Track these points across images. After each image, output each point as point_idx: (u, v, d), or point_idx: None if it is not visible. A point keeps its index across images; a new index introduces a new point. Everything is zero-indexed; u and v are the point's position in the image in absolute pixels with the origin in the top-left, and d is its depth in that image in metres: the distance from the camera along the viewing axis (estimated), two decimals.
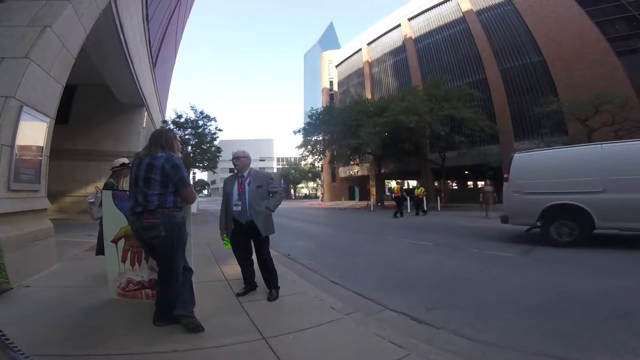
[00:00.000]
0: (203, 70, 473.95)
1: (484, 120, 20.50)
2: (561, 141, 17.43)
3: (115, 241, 3.12)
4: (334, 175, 40.11)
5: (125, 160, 4.07)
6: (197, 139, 22.14)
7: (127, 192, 2.68)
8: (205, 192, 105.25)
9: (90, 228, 5.91)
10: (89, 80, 11.74)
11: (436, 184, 27.11)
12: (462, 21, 26.64)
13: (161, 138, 2.59)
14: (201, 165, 23.39)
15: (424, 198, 17.43)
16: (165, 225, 2.40)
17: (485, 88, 23.79)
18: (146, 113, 16.02)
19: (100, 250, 3.58)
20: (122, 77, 11.17)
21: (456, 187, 31.59)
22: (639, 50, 19.18)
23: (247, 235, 3.37)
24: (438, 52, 28.37)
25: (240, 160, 3.47)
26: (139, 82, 12.07)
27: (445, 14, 28.25)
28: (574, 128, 17.51)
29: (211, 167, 24.08)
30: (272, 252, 3.66)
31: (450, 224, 11.59)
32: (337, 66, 41.82)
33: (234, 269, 3.75)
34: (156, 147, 2.52)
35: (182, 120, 21.97)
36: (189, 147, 22.21)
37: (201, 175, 79.09)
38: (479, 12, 25.64)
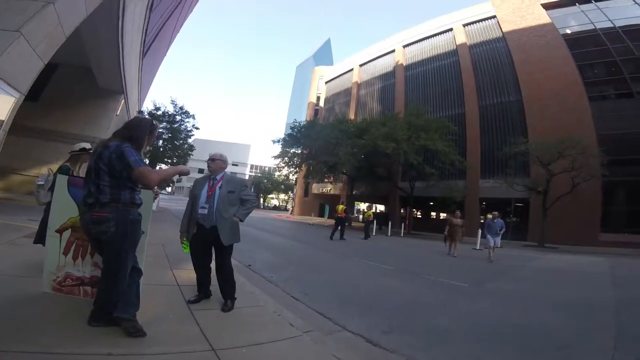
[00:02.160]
0: (191, 65, 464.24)
1: (456, 155, 21.37)
2: (522, 183, 18.60)
3: (60, 231, 2.84)
4: (307, 190, 40.07)
5: (87, 146, 3.79)
6: (170, 134, 21.37)
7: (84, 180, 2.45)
8: (168, 189, 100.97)
9: (34, 212, 5.39)
10: (71, 61, 11.14)
11: (402, 211, 27.80)
12: (454, 54, 27.79)
13: (135, 129, 2.40)
14: (170, 161, 22.51)
15: (374, 222, 17.48)
16: (116, 220, 2.21)
17: (462, 122, 24.80)
18: (123, 101, 15.36)
19: (39, 239, 3.24)
20: (108, 62, 10.72)
21: (420, 216, 32.63)
22: (609, 97, 20.35)
23: (209, 241, 3.19)
24: (425, 82, 29.42)
25: (216, 162, 3.34)
26: (123, 70, 11.62)
27: (439, 45, 29.44)
28: (536, 171, 18.48)
29: (180, 164, 23.17)
30: (233, 262, 3.50)
31: (413, 251, 11.93)
32: (327, 82, 42.45)
33: (187, 274, 3.54)
34: (119, 137, 2.33)
35: (160, 113, 21.21)
36: (160, 141, 21.47)
37: None
38: (472, 47, 26.75)
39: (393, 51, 33.10)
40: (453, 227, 10.53)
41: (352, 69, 37.88)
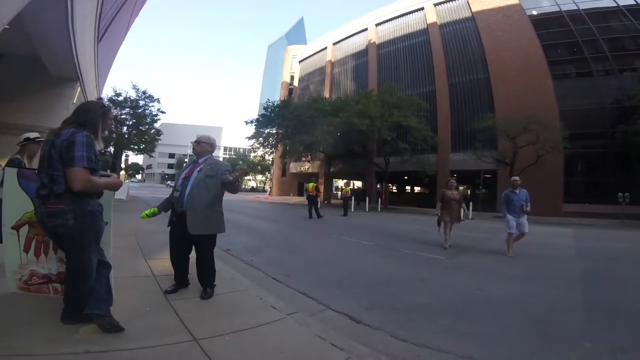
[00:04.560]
0: (157, 47, 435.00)
1: (428, 131, 22.05)
2: (491, 155, 19.47)
3: (17, 228, 2.61)
4: (284, 170, 39.76)
5: (31, 135, 3.51)
6: (135, 120, 20.30)
7: (37, 172, 2.25)
8: (138, 176, 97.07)
9: None
10: (18, 50, 9.99)
11: (378, 186, 28.43)
12: (425, 33, 27.99)
13: (86, 114, 2.21)
14: (136, 147, 21.50)
15: (352, 198, 17.69)
16: (74, 212, 2.04)
17: (433, 99, 25.40)
18: (79, 88, 14.23)
19: None
20: (59, 50, 9.74)
21: (395, 191, 33.56)
22: (571, 76, 21.71)
23: (184, 229, 2.98)
24: (397, 60, 29.60)
25: (201, 145, 3.18)
26: (77, 57, 10.69)
27: (411, 24, 29.48)
28: (503, 144, 19.46)
29: (148, 150, 22.30)
30: None
31: (390, 225, 12.22)
32: (300, 62, 41.52)
33: (163, 264, 3.42)
34: (72, 124, 2.14)
35: (121, 99, 20.01)
36: (125, 128, 20.50)
37: (136, 158, 72.91)
38: (442, 26, 27.09)
39: (366, 29, 32.76)
40: (447, 202, 7.01)
41: (325, 48, 37.13)
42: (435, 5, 27.70)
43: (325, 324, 2.79)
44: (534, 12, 23.03)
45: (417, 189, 35.61)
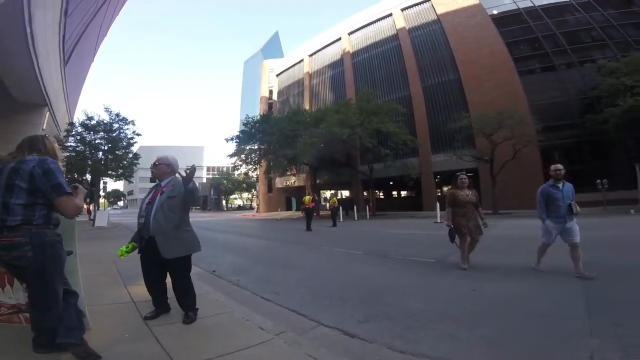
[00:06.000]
0: (128, 68, 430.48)
1: (407, 135, 22.39)
2: (470, 154, 19.88)
3: None
4: (270, 186, 39.39)
5: None
6: (110, 144, 19.68)
7: None
8: (120, 203, 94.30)
9: None
10: None
11: (365, 193, 28.52)
12: (395, 38, 28.77)
13: (36, 142, 2.15)
14: (114, 173, 20.80)
15: (339, 208, 17.56)
16: (32, 244, 1.92)
17: (409, 103, 25.93)
18: (48, 113, 13.72)
19: None
20: (22, 73, 9.47)
21: (382, 197, 33.75)
22: (535, 71, 22.62)
23: (154, 254, 2.85)
24: (371, 67, 30.21)
25: (159, 167, 3.05)
26: (42, 80, 10.39)
27: (382, 30, 30.26)
28: (481, 142, 19.91)
29: (126, 175, 21.56)
30: (195, 270, 3.23)
31: (380, 232, 12.19)
32: (277, 75, 41.78)
33: (143, 289, 3.26)
34: (29, 150, 2.08)
35: (94, 122, 19.36)
36: (100, 153, 19.82)
37: (116, 185, 70.99)
38: (411, 30, 27.92)
39: (339, 39, 33.42)
40: (461, 206, 5.16)
41: (302, 60, 37.60)
42: (402, 10, 28.62)
43: (317, 342, 2.64)
44: (495, 12, 24.09)
45: (403, 193, 35.90)
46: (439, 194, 25.80)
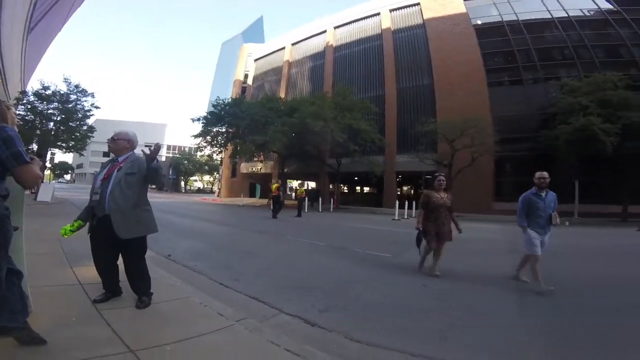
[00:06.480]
0: (98, 41, 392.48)
1: (376, 134, 22.94)
2: (431, 157, 20.86)
3: None
4: (234, 170, 38.39)
5: None
6: (64, 115, 18.32)
7: None
8: (67, 177, 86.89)
9: None
10: None
11: (331, 186, 28.89)
12: (378, 38, 28.97)
13: None
14: (65, 145, 19.36)
15: (305, 199, 17.63)
16: None
17: (382, 103, 26.43)
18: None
19: None
20: None
21: (347, 191, 34.44)
22: (504, 83, 23.68)
23: (107, 234, 2.67)
24: (351, 64, 30.33)
25: (118, 142, 2.85)
26: (1, 51, 9.25)
27: (367, 28, 30.34)
28: (443, 147, 20.84)
29: (78, 148, 20.17)
30: (149, 253, 3.06)
31: (343, 225, 12.44)
32: (256, 60, 40.65)
33: (91, 271, 3.06)
34: None
35: (49, 92, 17.94)
36: (51, 124, 18.55)
37: (64, 157, 65.31)
38: (395, 32, 28.20)
39: (325, 32, 33.13)
40: (434, 211, 4.84)
41: (284, 48, 36.76)
42: (391, 11, 28.90)
43: (279, 329, 2.66)
44: (479, 22, 24.88)
45: (366, 189, 36.93)
46: (399, 193, 26.84)
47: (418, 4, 27.39)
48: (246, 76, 41.93)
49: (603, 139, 14.40)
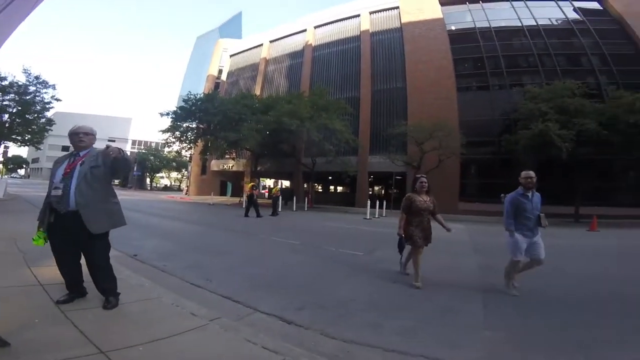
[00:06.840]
0: (65, 31, 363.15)
1: (350, 134, 23.16)
2: (401, 159, 21.54)
3: None
4: (204, 167, 37.22)
5: None
6: (20, 107, 17.14)
7: None
8: (21, 171, 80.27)
9: None
10: None
11: (305, 185, 28.90)
12: (357, 39, 29.15)
13: None
14: (20, 138, 18.09)
15: (279, 198, 17.40)
16: None
17: (357, 105, 26.72)
18: None
19: None
20: None
21: (321, 190, 34.66)
22: (472, 89, 24.59)
23: (70, 231, 2.54)
24: (329, 64, 30.37)
25: (80, 136, 2.70)
26: None
27: (346, 29, 30.46)
28: (412, 149, 21.57)
29: (35, 141, 18.87)
30: (113, 252, 2.93)
31: (317, 224, 12.52)
32: (232, 56, 39.58)
33: (51, 271, 2.90)
34: None
35: (5, 83, 16.67)
36: (6, 115, 17.59)
37: (19, 150, 60.38)
38: (373, 34, 28.48)
39: (304, 31, 32.91)
40: (417, 215, 4.57)
41: (261, 44, 36.10)
42: (371, 13, 29.26)
43: (255, 327, 2.66)
44: (453, 27, 25.70)
45: (339, 188, 37.35)
46: (370, 193, 27.37)
47: (397, 7, 27.96)
48: (220, 71, 40.84)
49: (559, 144, 15.31)
